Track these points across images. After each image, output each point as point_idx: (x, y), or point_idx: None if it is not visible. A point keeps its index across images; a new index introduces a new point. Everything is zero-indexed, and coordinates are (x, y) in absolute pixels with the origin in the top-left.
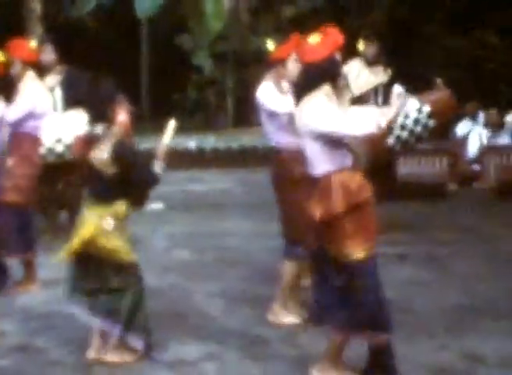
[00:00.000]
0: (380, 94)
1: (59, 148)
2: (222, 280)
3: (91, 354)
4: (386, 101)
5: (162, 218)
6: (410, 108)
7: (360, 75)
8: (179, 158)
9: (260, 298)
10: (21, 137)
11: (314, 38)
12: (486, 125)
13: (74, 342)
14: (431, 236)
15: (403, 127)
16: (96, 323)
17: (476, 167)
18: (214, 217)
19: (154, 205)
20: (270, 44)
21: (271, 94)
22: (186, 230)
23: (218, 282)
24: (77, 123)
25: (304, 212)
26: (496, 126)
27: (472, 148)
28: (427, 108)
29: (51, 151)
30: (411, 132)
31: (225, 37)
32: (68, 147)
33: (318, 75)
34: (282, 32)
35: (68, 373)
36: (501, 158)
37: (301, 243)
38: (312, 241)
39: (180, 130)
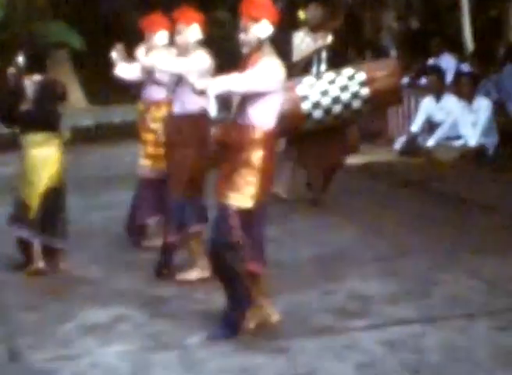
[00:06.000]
0: (323, 61)
1: None
2: (85, 250)
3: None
4: (333, 66)
5: None
6: (342, 76)
7: (302, 42)
8: None
9: (131, 262)
10: None
11: None
12: None
13: None
14: None
15: (324, 93)
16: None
17: None
18: None
19: None
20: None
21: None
22: None
23: (83, 253)
24: None
25: None
26: None
27: None
28: (361, 76)
29: None
30: (336, 99)
31: (7, 24)
32: None
33: None
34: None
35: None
36: None
37: None
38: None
39: None
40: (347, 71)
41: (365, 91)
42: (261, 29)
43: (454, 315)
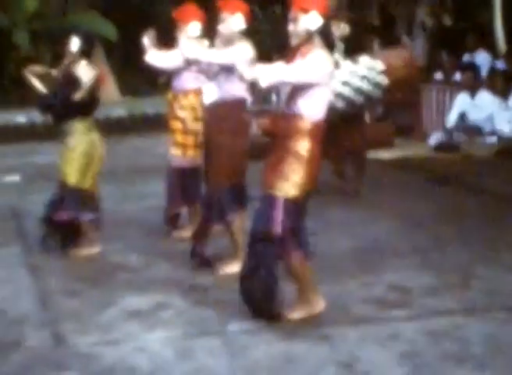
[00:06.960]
0: (338, 50)
1: None
2: (123, 239)
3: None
4: (349, 55)
5: (25, 189)
6: (360, 65)
7: None
8: (11, 133)
9: (169, 251)
10: None
11: None
12: None
13: None
14: None
15: (345, 83)
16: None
17: None
18: None
19: (10, 178)
20: None
21: None
22: None
23: (121, 242)
24: None
25: None
26: None
27: None
28: (379, 66)
29: None
30: (357, 89)
31: (41, 15)
32: None
33: None
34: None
35: None
36: None
37: None
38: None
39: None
40: (365, 60)
41: (384, 81)
42: (310, 20)
43: (494, 307)
